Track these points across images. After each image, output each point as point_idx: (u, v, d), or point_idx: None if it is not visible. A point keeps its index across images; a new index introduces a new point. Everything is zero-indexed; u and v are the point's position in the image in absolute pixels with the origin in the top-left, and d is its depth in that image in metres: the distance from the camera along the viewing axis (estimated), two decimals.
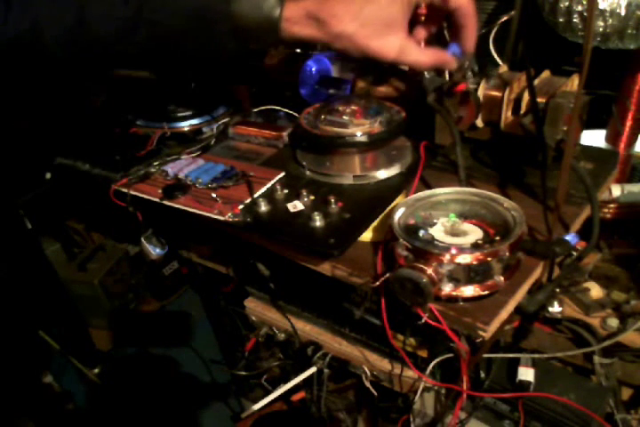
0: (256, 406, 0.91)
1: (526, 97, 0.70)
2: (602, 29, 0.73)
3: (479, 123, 0.74)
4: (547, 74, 0.74)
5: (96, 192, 0.79)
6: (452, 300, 0.55)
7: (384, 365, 0.77)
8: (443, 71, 0.70)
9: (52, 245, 1.74)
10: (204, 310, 1.31)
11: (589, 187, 0.61)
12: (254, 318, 0.91)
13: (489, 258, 0.53)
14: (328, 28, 0.57)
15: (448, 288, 0.54)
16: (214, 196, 0.71)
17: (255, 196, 0.70)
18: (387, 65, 0.70)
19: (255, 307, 0.90)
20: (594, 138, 0.90)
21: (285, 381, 0.88)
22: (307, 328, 0.85)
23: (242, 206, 0.68)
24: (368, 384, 0.79)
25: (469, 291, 0.55)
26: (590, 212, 0.64)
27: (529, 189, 0.70)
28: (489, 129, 0.75)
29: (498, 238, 0.56)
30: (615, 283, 0.76)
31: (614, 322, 0.69)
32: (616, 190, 0.83)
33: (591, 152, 0.77)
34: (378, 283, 0.58)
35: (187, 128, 0.90)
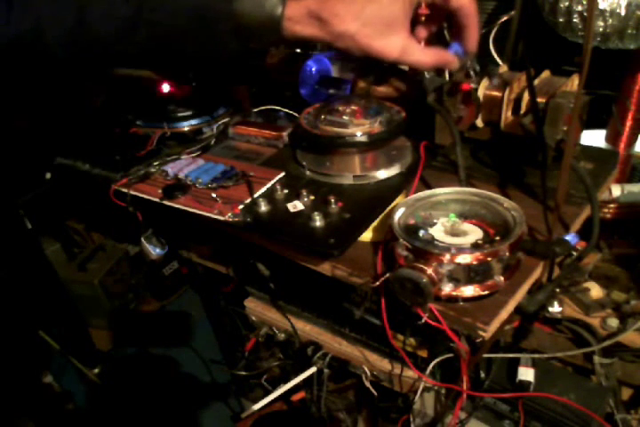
0: (256, 406, 0.91)
1: (526, 97, 0.70)
2: (602, 29, 0.73)
3: (479, 123, 0.74)
4: (547, 74, 0.74)
5: (96, 192, 0.79)
6: (452, 300, 0.55)
7: (384, 365, 0.77)
8: (443, 71, 0.70)
9: (52, 245, 1.74)
10: (204, 310, 1.31)
11: (589, 187, 0.61)
12: (254, 318, 0.91)
13: (489, 258, 0.53)
14: (330, 27, 0.57)
15: (448, 288, 0.54)
16: (214, 196, 0.71)
17: (255, 196, 0.70)
18: (388, 65, 0.70)
19: (255, 307, 0.90)
20: (594, 138, 0.90)
21: (285, 381, 0.88)
22: (307, 328, 0.85)
23: (242, 206, 0.68)
24: (368, 384, 0.79)
25: (469, 291, 0.55)
26: (590, 212, 0.64)
27: (529, 189, 0.70)
28: (489, 129, 0.75)
29: (498, 238, 0.56)
30: (615, 283, 0.76)
31: (614, 322, 0.69)
32: (616, 190, 0.83)
33: (591, 152, 0.77)
34: (378, 283, 0.58)
35: (187, 128, 0.90)
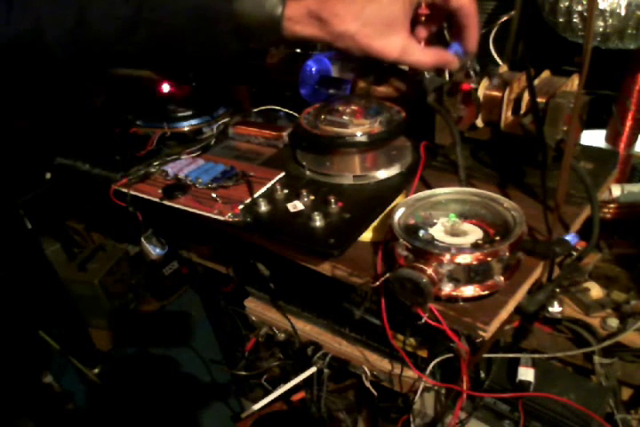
0: (256, 406, 0.91)
1: (526, 97, 0.70)
2: (602, 29, 0.73)
3: (479, 123, 0.74)
4: (547, 74, 0.74)
5: (96, 192, 0.79)
6: (452, 300, 0.55)
7: (384, 365, 0.77)
8: (443, 71, 0.70)
9: (52, 245, 1.74)
10: (204, 310, 1.31)
11: (589, 187, 0.61)
12: (254, 318, 0.91)
13: (489, 258, 0.53)
14: (330, 27, 0.57)
15: (448, 288, 0.54)
16: (214, 196, 0.70)
17: (255, 196, 0.70)
18: (388, 65, 0.70)
19: (255, 307, 0.90)
20: (594, 138, 0.90)
21: (285, 381, 0.88)
22: (307, 328, 0.85)
23: (242, 206, 0.68)
24: (368, 384, 0.79)
25: (469, 291, 0.55)
26: (590, 212, 0.64)
27: (529, 189, 0.70)
28: (489, 129, 0.75)
29: (498, 238, 0.56)
30: (615, 283, 0.76)
31: (614, 322, 0.69)
32: (616, 190, 0.83)
33: (591, 152, 0.77)
34: (378, 283, 0.58)
35: (187, 128, 0.90)
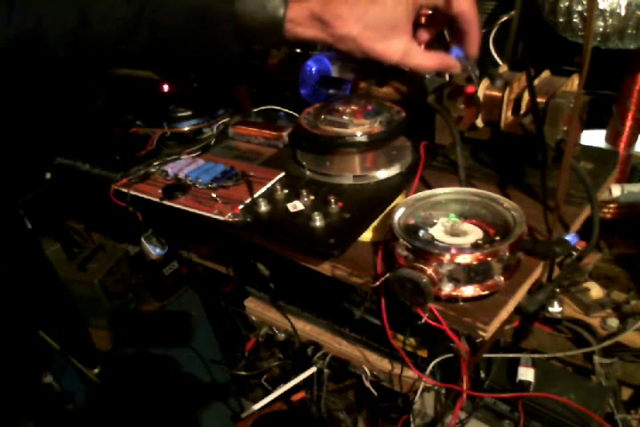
0: (256, 406, 0.91)
1: (526, 97, 0.70)
2: (602, 29, 0.73)
3: (479, 123, 0.74)
4: (547, 74, 0.74)
5: (96, 192, 0.79)
6: (452, 300, 0.55)
7: (384, 365, 0.77)
8: (443, 73, 0.70)
9: (52, 245, 1.74)
10: (204, 310, 1.31)
11: (589, 187, 0.61)
12: (254, 318, 0.91)
13: (489, 258, 0.53)
14: (332, 29, 0.57)
15: (448, 288, 0.54)
16: (214, 196, 0.71)
17: (255, 196, 0.70)
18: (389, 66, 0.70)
19: (255, 307, 0.90)
20: (594, 138, 0.90)
21: (285, 381, 0.88)
22: (307, 328, 0.85)
23: (242, 206, 0.68)
24: (368, 384, 0.79)
25: (469, 291, 0.55)
26: (590, 212, 0.64)
27: (529, 189, 0.70)
28: (489, 129, 0.75)
29: (498, 238, 0.56)
30: (615, 283, 0.76)
31: (614, 322, 0.70)
32: (616, 190, 0.83)
33: (591, 152, 0.77)
34: (378, 283, 0.58)
35: (187, 128, 0.90)
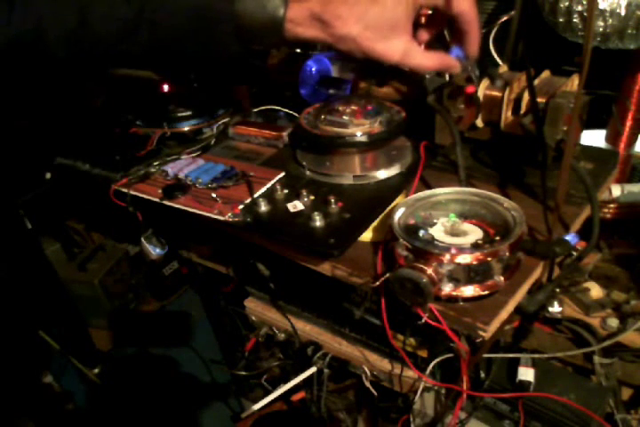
0: (256, 406, 0.91)
1: (526, 97, 0.70)
2: (602, 29, 0.73)
3: (479, 123, 0.74)
4: (547, 74, 0.74)
5: (96, 192, 0.79)
6: (452, 300, 0.55)
7: (384, 365, 0.77)
8: (443, 73, 0.70)
9: (52, 245, 1.74)
10: (204, 310, 1.31)
11: (589, 187, 0.61)
12: (254, 318, 0.91)
13: (489, 258, 0.53)
14: (332, 29, 0.57)
15: (448, 288, 0.54)
16: (214, 196, 0.71)
17: (255, 196, 0.70)
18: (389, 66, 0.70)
19: (255, 307, 0.90)
20: (594, 138, 0.90)
21: (285, 381, 0.88)
22: (307, 328, 0.85)
23: (242, 206, 0.68)
24: (368, 384, 0.79)
25: (469, 291, 0.55)
26: (590, 212, 0.64)
27: (529, 189, 0.70)
28: (489, 129, 0.75)
29: (498, 238, 0.56)
30: (615, 283, 0.76)
31: (614, 322, 0.70)
32: (616, 190, 0.83)
33: (591, 152, 0.77)
34: (378, 283, 0.58)
35: (187, 128, 0.90)
